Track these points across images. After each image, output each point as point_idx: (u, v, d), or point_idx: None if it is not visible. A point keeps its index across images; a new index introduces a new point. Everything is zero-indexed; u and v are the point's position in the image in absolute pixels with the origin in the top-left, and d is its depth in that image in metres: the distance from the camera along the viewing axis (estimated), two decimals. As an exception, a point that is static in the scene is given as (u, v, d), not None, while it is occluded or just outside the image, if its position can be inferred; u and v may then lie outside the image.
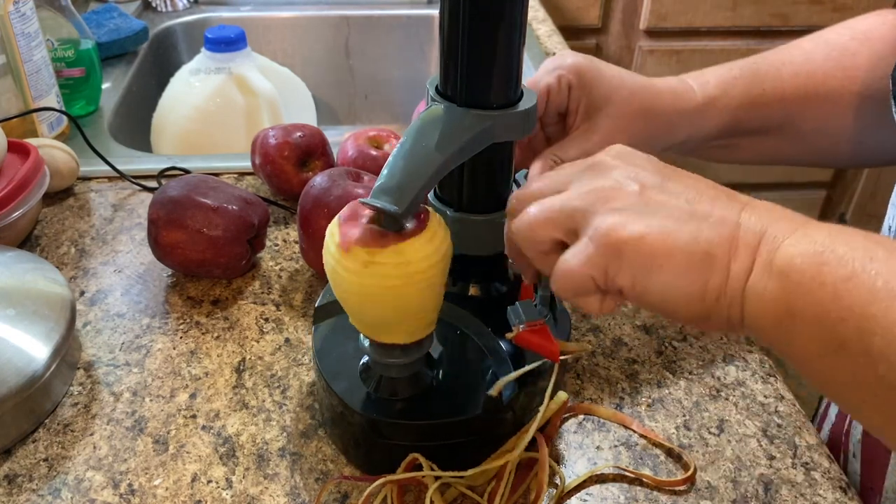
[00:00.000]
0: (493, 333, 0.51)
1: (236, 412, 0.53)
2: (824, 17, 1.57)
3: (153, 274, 0.66)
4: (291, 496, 0.47)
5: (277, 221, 0.72)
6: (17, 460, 0.50)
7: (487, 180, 0.49)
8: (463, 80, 0.45)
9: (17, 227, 0.66)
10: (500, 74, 0.45)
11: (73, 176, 0.76)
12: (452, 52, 0.44)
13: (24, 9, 0.77)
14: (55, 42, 0.88)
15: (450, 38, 0.44)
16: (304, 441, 0.51)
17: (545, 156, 0.53)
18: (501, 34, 0.43)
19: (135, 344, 0.59)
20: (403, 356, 0.46)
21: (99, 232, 0.71)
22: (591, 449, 0.51)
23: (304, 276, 0.66)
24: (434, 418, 0.47)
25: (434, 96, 0.46)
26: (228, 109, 1.02)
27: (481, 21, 0.43)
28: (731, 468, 0.50)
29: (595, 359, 0.58)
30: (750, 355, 0.59)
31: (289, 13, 1.24)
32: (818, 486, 0.49)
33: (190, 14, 1.22)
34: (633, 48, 1.62)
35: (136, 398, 0.54)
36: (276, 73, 1.10)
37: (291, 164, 0.72)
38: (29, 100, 0.79)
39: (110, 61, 1.04)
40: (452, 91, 0.45)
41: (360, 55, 1.24)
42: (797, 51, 0.61)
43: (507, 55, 0.44)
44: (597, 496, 0.48)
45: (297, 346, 0.58)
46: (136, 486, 0.48)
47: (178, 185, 0.63)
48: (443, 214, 0.50)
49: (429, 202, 0.51)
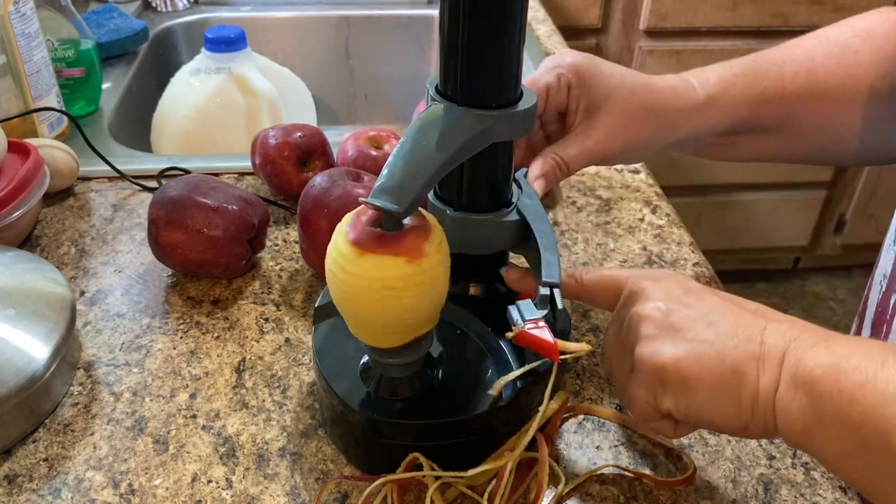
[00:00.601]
0: (493, 333, 0.51)
1: (236, 412, 0.53)
2: (824, 17, 1.57)
3: (153, 274, 0.66)
4: (291, 496, 0.47)
5: (277, 221, 0.72)
6: (17, 460, 0.50)
7: (487, 179, 0.49)
8: (463, 79, 0.45)
9: (17, 227, 0.66)
10: (500, 74, 0.45)
11: (73, 176, 0.76)
12: (452, 51, 0.44)
13: (24, 9, 0.77)
14: (55, 42, 0.88)
15: (449, 37, 0.44)
16: (304, 441, 0.51)
17: (545, 155, 0.53)
18: (501, 34, 0.43)
19: (135, 344, 0.59)
20: (403, 356, 0.46)
21: (99, 232, 0.71)
22: (591, 449, 0.51)
23: (304, 276, 0.66)
24: (434, 418, 0.47)
25: (434, 96, 0.46)
26: (228, 109, 1.02)
27: (481, 21, 0.43)
28: (731, 468, 0.50)
29: (595, 359, 0.58)
30: (750, 355, 0.59)
31: (289, 13, 1.24)
32: (818, 486, 0.49)
33: (190, 14, 1.22)
34: (633, 48, 1.62)
35: (136, 398, 0.54)
36: (276, 73, 1.10)
37: (291, 164, 0.72)
38: (29, 100, 0.79)
39: (110, 61, 1.04)
40: (452, 91, 0.45)
41: (360, 55, 1.24)
42: (798, 49, 0.61)
43: (507, 54, 0.44)
44: (597, 496, 0.48)
45: (297, 346, 0.58)
46: (137, 486, 0.48)
47: (178, 185, 0.63)
48: (442, 213, 0.50)
49: (429, 202, 0.51)
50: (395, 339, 0.45)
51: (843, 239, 2.02)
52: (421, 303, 0.42)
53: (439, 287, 0.43)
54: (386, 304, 0.42)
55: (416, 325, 0.44)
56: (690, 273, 0.67)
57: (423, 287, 0.42)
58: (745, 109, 0.58)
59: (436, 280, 0.42)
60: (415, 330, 0.44)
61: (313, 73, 1.22)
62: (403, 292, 0.41)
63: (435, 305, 0.44)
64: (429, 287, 0.42)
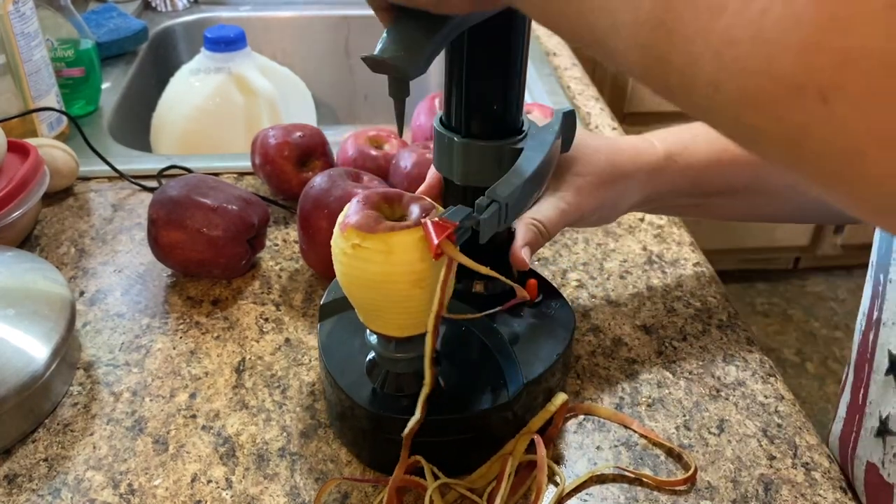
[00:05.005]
0: (497, 330, 0.51)
1: (236, 412, 0.53)
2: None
3: (153, 274, 0.66)
4: (291, 496, 0.47)
5: (277, 221, 0.72)
6: (17, 460, 0.50)
7: (494, 104, 0.47)
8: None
9: (17, 227, 0.66)
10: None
11: (72, 176, 0.76)
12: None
13: (23, 9, 0.77)
14: (55, 42, 0.88)
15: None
16: (304, 441, 0.51)
17: (525, 222, 0.51)
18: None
19: (135, 344, 0.59)
20: (407, 350, 0.46)
21: (99, 232, 0.71)
22: (591, 449, 0.51)
23: (304, 276, 0.66)
24: (440, 415, 0.47)
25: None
26: (228, 109, 1.02)
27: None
28: (731, 468, 0.50)
29: (595, 359, 0.58)
30: (750, 355, 0.59)
31: (289, 13, 1.24)
32: (818, 486, 0.49)
33: (190, 14, 1.22)
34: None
35: (135, 398, 0.54)
36: (276, 72, 1.10)
37: (291, 164, 0.72)
38: (29, 100, 0.79)
39: (110, 61, 1.04)
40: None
41: (360, 55, 1.23)
42: None
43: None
44: (597, 496, 0.48)
45: (296, 346, 0.58)
46: (136, 486, 0.48)
47: (177, 184, 0.63)
48: (450, 141, 0.47)
49: (434, 130, 0.49)
50: (409, 321, 0.44)
51: (843, 239, 2.02)
52: (434, 276, 0.42)
53: (429, 278, 0.43)
54: (369, 284, 0.42)
55: (406, 311, 0.44)
56: (690, 273, 0.67)
57: (408, 272, 0.42)
58: (708, 169, 0.56)
59: (422, 269, 0.42)
60: (407, 317, 0.44)
61: (313, 72, 1.22)
62: (422, 264, 0.41)
63: (428, 296, 0.43)
64: (419, 274, 0.42)
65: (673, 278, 0.66)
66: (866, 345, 0.53)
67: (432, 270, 0.42)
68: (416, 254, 0.41)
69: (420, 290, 0.42)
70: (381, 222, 0.42)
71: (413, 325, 0.45)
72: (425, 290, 0.42)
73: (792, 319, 2.06)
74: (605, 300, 0.64)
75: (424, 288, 0.42)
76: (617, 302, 0.64)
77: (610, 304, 0.63)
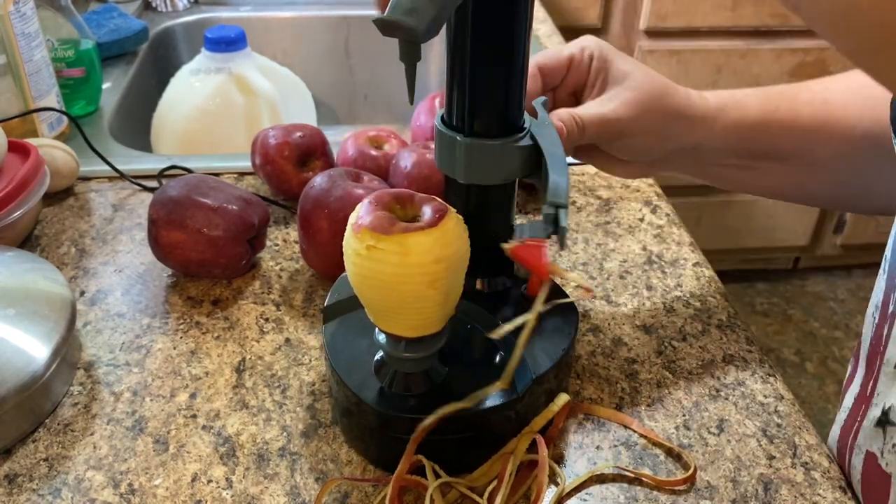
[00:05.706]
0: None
1: (236, 412, 0.53)
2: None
3: (153, 274, 0.66)
4: (291, 496, 0.47)
5: (277, 221, 0.73)
6: (17, 460, 0.50)
7: (497, 103, 0.47)
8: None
9: (18, 227, 0.66)
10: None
11: (73, 176, 0.76)
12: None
13: (24, 9, 0.77)
14: (55, 42, 0.88)
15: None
16: (304, 441, 0.51)
17: (560, 111, 0.50)
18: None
19: (135, 344, 0.59)
20: (416, 350, 0.46)
21: (99, 232, 0.71)
22: (591, 449, 0.51)
23: (304, 276, 0.66)
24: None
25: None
26: (228, 109, 1.02)
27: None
28: (730, 468, 0.50)
29: (595, 359, 0.58)
30: (750, 355, 0.59)
31: (289, 13, 1.24)
32: (818, 486, 0.49)
33: (190, 14, 1.22)
34: (633, 48, 1.62)
35: (136, 398, 0.54)
36: (276, 73, 1.10)
37: (291, 164, 0.72)
38: (29, 100, 0.79)
39: (110, 61, 1.04)
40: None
41: (360, 55, 1.24)
42: (815, 83, 0.59)
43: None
44: (597, 496, 0.48)
45: (297, 346, 0.58)
46: (137, 486, 0.48)
47: (178, 184, 0.63)
48: (453, 140, 0.47)
49: (437, 130, 0.49)
50: (421, 322, 0.45)
51: (842, 239, 2.02)
52: (447, 277, 0.43)
53: (443, 280, 0.43)
54: (383, 286, 0.42)
55: (418, 312, 0.44)
56: (690, 273, 0.67)
57: (448, 261, 0.42)
58: (757, 129, 0.57)
59: (437, 270, 0.42)
60: (419, 317, 0.44)
61: (313, 73, 1.22)
62: (436, 265, 0.42)
63: (442, 297, 0.44)
64: (452, 260, 0.42)
65: (673, 278, 0.66)
66: (880, 337, 0.53)
67: (447, 272, 0.42)
68: (431, 255, 0.41)
69: (434, 291, 0.42)
70: (396, 223, 0.42)
71: (424, 325, 0.45)
72: (439, 291, 0.42)
73: (791, 319, 2.06)
74: (604, 300, 0.64)
75: (438, 289, 0.42)
76: (617, 302, 0.64)
77: (610, 303, 0.63)
